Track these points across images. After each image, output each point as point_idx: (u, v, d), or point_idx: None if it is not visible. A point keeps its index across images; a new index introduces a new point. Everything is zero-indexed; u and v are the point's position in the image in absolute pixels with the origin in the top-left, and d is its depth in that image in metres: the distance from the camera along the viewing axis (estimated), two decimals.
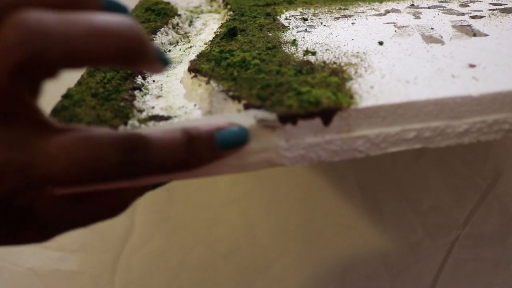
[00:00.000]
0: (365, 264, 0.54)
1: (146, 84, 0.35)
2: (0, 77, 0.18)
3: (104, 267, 0.52)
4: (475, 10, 0.44)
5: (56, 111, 0.28)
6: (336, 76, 0.28)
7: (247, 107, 0.25)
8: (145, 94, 0.33)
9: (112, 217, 0.25)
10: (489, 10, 0.44)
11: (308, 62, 0.31)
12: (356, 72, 0.29)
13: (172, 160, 0.22)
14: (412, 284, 0.54)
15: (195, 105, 0.31)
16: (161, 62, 0.21)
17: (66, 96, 0.30)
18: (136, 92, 0.32)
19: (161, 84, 0.35)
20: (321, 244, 0.54)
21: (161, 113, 0.30)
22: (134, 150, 0.21)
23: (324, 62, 0.31)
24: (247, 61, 0.31)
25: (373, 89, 0.27)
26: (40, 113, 0.21)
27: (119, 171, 0.21)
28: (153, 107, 0.31)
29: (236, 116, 0.25)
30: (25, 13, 0.18)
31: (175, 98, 0.32)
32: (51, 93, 0.29)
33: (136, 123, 0.28)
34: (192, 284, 0.52)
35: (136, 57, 0.20)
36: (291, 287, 0.52)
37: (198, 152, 0.22)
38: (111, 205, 0.25)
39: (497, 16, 0.42)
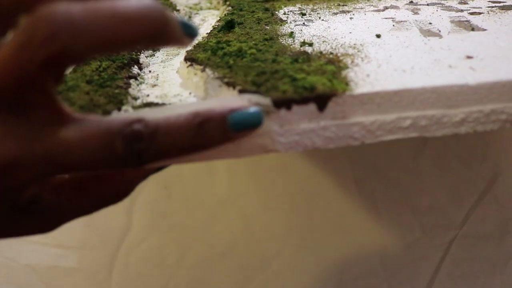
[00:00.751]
0: (362, 263, 0.53)
1: (142, 73, 0.35)
2: (28, 69, 0.18)
3: (101, 264, 0.52)
4: (474, 7, 0.44)
5: None
6: (332, 65, 0.28)
7: (241, 92, 0.25)
8: (141, 83, 0.33)
9: (117, 202, 0.25)
10: (488, 7, 0.44)
11: (305, 52, 0.31)
12: (352, 62, 0.29)
13: (180, 144, 0.22)
14: (409, 283, 0.53)
15: (190, 93, 0.31)
16: (187, 36, 0.21)
17: None
18: (132, 81, 0.32)
19: (157, 74, 0.35)
20: (319, 242, 0.54)
21: (156, 100, 0.30)
22: (139, 139, 0.21)
23: (321, 52, 0.31)
24: (243, 51, 0.31)
25: (369, 77, 0.26)
26: (58, 102, 0.21)
27: (126, 159, 0.21)
28: (148, 95, 0.31)
29: (230, 99, 0.24)
30: (53, 5, 0.18)
31: (170, 87, 0.32)
32: None
33: (130, 109, 0.28)
34: (189, 281, 0.52)
35: (162, 36, 0.20)
36: (288, 285, 0.52)
37: (209, 134, 0.22)
38: (115, 191, 0.25)
39: (496, 13, 0.42)
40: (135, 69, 0.35)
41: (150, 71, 0.36)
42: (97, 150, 0.20)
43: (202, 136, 0.22)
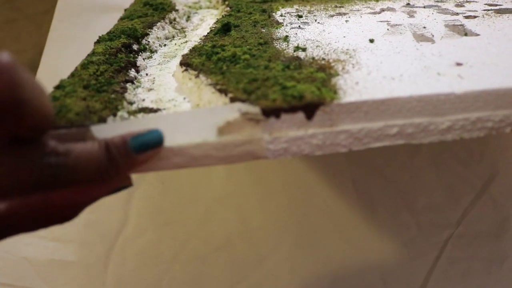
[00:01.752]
0: (358, 261, 0.54)
1: (139, 77, 0.35)
2: None
3: (97, 258, 0.53)
4: (469, 10, 0.44)
5: None
6: (323, 72, 0.29)
7: (233, 100, 0.26)
8: (137, 87, 0.34)
9: (63, 223, 0.26)
10: (484, 10, 0.44)
11: (298, 58, 0.32)
12: (343, 68, 0.30)
13: (92, 166, 0.23)
14: (404, 281, 0.54)
15: (184, 98, 0.31)
16: None
17: (58, 87, 0.30)
18: (128, 85, 0.33)
19: (154, 78, 0.36)
20: (314, 240, 0.54)
21: (151, 105, 0.30)
22: (56, 155, 0.22)
23: (313, 58, 0.32)
24: (237, 56, 0.32)
25: (358, 85, 0.27)
26: None
27: (44, 174, 0.22)
28: (143, 100, 0.31)
29: (221, 108, 0.25)
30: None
31: (166, 91, 0.33)
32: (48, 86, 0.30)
33: (126, 115, 0.28)
34: (185, 277, 0.52)
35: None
36: (283, 281, 0.53)
37: (114, 158, 0.24)
38: (61, 214, 0.25)
39: (491, 17, 0.42)
40: (132, 72, 0.35)
41: (147, 74, 0.36)
42: (14, 166, 0.21)
43: (110, 159, 0.24)
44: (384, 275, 0.54)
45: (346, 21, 0.41)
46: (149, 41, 0.42)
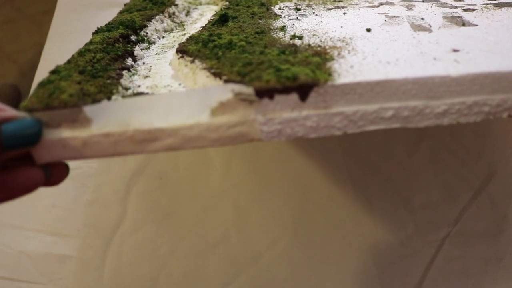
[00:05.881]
0: (354, 258, 0.54)
1: (135, 65, 0.35)
2: None
3: (95, 252, 0.53)
4: (468, 4, 0.44)
5: (42, 84, 0.28)
6: (318, 57, 0.28)
7: (227, 82, 0.26)
8: (134, 74, 0.34)
9: None
10: (483, 4, 0.44)
11: (294, 45, 0.32)
12: (339, 54, 0.29)
13: None
14: (401, 279, 0.53)
15: (180, 84, 0.31)
16: None
17: (54, 71, 0.30)
18: (124, 72, 0.33)
19: (150, 66, 0.35)
20: (311, 236, 0.54)
21: (146, 91, 0.30)
22: None
23: (309, 45, 0.31)
24: (233, 43, 0.32)
25: (352, 68, 0.27)
26: None
27: None
28: (139, 86, 0.31)
29: (214, 89, 0.25)
30: None
31: (162, 78, 0.33)
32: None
33: (120, 99, 0.28)
34: (181, 271, 0.52)
35: None
36: (279, 278, 0.52)
37: None
38: None
39: (489, 10, 0.42)
40: (129, 61, 0.35)
41: (144, 63, 0.36)
42: None
43: None
44: (380, 272, 0.54)
45: (344, 13, 0.41)
46: (147, 33, 0.42)
